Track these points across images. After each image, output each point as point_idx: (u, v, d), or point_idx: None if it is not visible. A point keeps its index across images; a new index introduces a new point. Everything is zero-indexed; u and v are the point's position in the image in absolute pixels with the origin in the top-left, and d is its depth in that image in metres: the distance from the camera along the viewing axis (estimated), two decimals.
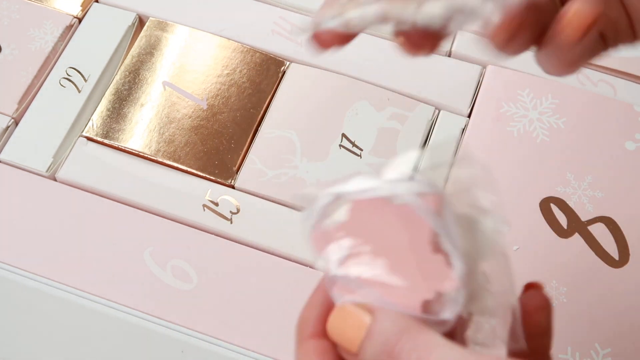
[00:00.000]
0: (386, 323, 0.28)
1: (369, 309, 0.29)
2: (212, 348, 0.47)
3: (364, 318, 0.29)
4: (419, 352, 0.27)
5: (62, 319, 0.48)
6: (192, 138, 0.53)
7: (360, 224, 0.29)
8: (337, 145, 0.53)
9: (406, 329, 0.28)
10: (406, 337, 0.28)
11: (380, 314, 0.29)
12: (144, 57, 0.56)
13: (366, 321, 0.29)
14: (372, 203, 0.28)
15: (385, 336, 0.28)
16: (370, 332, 0.28)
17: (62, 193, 0.52)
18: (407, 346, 0.27)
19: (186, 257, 0.50)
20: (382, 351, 0.28)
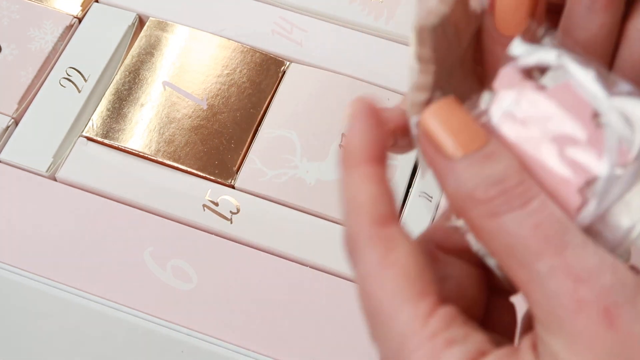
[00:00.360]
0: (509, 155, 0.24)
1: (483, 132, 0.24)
2: (212, 348, 0.47)
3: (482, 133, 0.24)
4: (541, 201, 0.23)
5: (62, 319, 0.48)
6: (192, 138, 0.53)
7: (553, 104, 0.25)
8: (337, 145, 0.53)
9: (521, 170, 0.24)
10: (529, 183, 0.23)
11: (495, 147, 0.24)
12: (144, 57, 0.56)
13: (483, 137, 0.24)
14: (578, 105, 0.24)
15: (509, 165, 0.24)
16: (491, 151, 0.24)
17: (62, 193, 0.52)
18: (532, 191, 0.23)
19: (186, 257, 0.50)
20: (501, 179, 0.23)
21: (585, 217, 0.24)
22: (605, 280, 0.22)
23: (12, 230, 0.51)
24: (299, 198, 0.52)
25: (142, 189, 0.52)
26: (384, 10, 0.59)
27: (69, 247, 0.50)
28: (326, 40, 0.58)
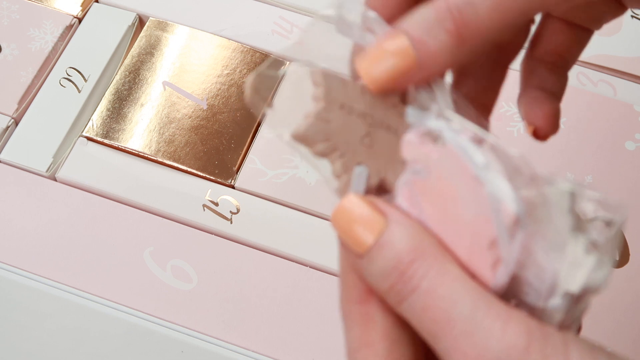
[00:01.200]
0: (402, 236, 0.25)
1: (383, 213, 0.25)
2: (212, 348, 0.47)
3: (378, 221, 0.25)
4: (430, 280, 0.24)
5: (62, 319, 0.48)
6: (192, 138, 0.53)
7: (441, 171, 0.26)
8: None
9: (422, 249, 0.25)
10: (421, 260, 0.24)
11: (395, 224, 0.25)
12: (144, 57, 0.56)
13: (379, 225, 0.25)
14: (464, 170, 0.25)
15: (398, 251, 0.25)
16: (383, 242, 0.25)
17: (62, 193, 0.52)
18: (420, 271, 0.24)
19: (186, 257, 0.50)
20: (393, 267, 0.24)
21: (500, 279, 0.24)
22: None
23: (12, 230, 0.51)
24: (299, 198, 0.52)
25: (142, 189, 0.52)
26: None
27: (69, 247, 0.50)
28: None
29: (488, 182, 0.24)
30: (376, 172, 0.28)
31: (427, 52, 0.26)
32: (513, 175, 0.24)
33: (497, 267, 0.24)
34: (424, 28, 0.26)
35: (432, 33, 0.26)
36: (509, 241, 0.24)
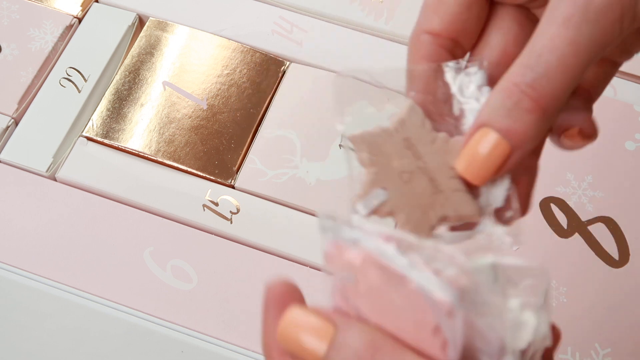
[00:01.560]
0: (355, 336, 0.26)
1: (329, 319, 0.27)
2: (212, 348, 0.47)
3: (326, 327, 0.27)
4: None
5: (62, 319, 0.48)
6: (192, 138, 0.53)
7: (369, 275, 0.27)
8: (337, 145, 0.53)
9: (378, 344, 0.26)
10: (380, 353, 0.25)
11: (344, 326, 0.26)
12: (144, 57, 0.56)
13: (329, 331, 0.27)
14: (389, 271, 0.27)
15: (356, 350, 0.26)
16: (338, 345, 0.26)
17: (62, 193, 0.52)
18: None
19: (186, 257, 0.50)
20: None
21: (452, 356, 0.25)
22: None
23: (12, 230, 0.51)
24: (299, 198, 0.52)
25: (142, 189, 0.52)
26: (384, 10, 0.59)
27: (69, 247, 0.50)
28: (326, 40, 0.58)
29: (414, 278, 0.25)
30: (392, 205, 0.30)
31: (518, 136, 0.28)
32: (433, 263, 0.26)
33: (446, 348, 0.25)
34: (505, 115, 0.28)
35: (516, 117, 0.28)
36: (449, 324, 0.25)
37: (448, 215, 0.31)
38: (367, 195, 0.31)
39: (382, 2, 0.59)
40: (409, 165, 0.31)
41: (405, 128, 0.31)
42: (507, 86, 0.28)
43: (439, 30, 0.31)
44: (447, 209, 0.31)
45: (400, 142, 0.31)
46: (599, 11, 0.27)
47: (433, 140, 0.31)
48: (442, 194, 0.31)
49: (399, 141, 0.31)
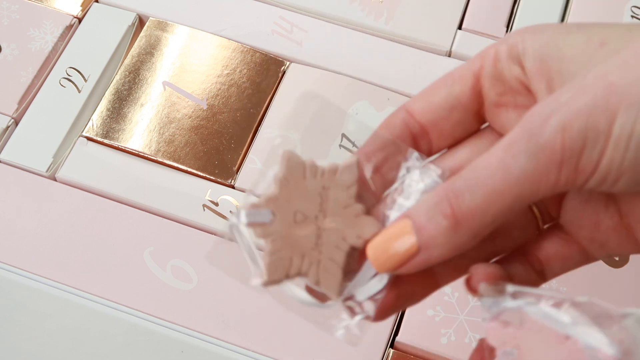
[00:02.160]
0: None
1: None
2: (212, 348, 0.47)
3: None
4: None
5: (62, 319, 0.48)
6: (192, 138, 0.53)
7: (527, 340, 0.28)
8: (337, 145, 0.53)
9: None
10: None
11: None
12: (144, 57, 0.56)
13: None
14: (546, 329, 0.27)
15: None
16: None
17: (62, 193, 0.52)
18: None
19: (186, 257, 0.50)
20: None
21: None
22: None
23: (12, 230, 0.51)
24: None
25: (142, 189, 0.52)
26: (384, 10, 0.59)
27: (69, 247, 0.50)
28: (326, 40, 0.58)
29: (580, 336, 0.26)
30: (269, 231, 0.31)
31: (427, 237, 0.28)
32: (595, 320, 0.26)
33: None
34: (424, 213, 0.28)
35: (431, 217, 0.28)
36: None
37: (308, 276, 0.30)
38: (257, 209, 0.31)
39: (382, 2, 0.59)
40: (308, 210, 0.31)
41: (332, 179, 0.31)
42: (440, 189, 0.28)
43: (416, 113, 0.32)
44: (312, 269, 0.31)
45: (318, 187, 0.31)
46: (541, 148, 0.26)
47: (347, 206, 0.31)
48: (318, 254, 0.31)
49: (317, 185, 0.31)
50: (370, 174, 0.31)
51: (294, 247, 0.31)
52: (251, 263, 0.31)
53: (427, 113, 0.31)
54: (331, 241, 0.31)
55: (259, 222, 0.31)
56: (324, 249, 0.31)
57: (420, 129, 0.32)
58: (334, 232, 0.31)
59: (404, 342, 0.47)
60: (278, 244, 0.31)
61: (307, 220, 0.31)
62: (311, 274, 0.31)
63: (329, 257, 0.30)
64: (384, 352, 0.47)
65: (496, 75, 0.30)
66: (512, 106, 0.31)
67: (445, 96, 0.31)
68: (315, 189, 0.31)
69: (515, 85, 0.30)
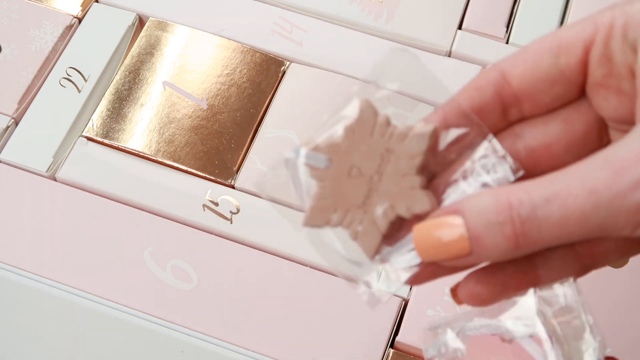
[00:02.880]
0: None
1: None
2: (212, 348, 0.47)
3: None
4: None
5: (62, 319, 0.48)
6: (192, 138, 0.53)
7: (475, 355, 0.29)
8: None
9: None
10: None
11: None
12: (144, 57, 0.56)
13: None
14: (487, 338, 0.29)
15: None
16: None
17: (62, 193, 0.52)
18: None
19: (186, 257, 0.50)
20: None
21: None
22: None
23: (12, 230, 0.51)
24: None
25: (142, 189, 0.52)
26: (384, 10, 0.59)
27: (69, 247, 0.50)
28: (326, 40, 0.58)
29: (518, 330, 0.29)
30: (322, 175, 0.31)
31: (481, 247, 0.27)
32: None
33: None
34: (483, 223, 0.26)
35: (491, 232, 0.26)
36: None
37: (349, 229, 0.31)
38: (317, 151, 0.31)
39: (382, 1, 0.59)
40: (365, 168, 0.30)
41: (399, 144, 0.30)
42: (504, 199, 0.26)
43: (513, 80, 0.29)
44: (354, 225, 0.31)
45: (383, 146, 0.30)
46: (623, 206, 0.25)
47: (405, 175, 0.30)
48: (364, 213, 0.31)
49: (383, 145, 0.30)
50: (443, 146, 0.30)
51: (341, 199, 0.31)
52: (299, 199, 0.31)
53: (527, 83, 0.29)
54: (379, 206, 0.30)
55: (315, 165, 0.31)
56: (370, 210, 0.30)
57: (513, 97, 0.29)
58: (384, 198, 0.30)
59: (404, 342, 0.47)
60: (327, 191, 0.31)
61: (362, 177, 0.30)
62: (352, 228, 0.30)
63: (373, 220, 0.30)
64: (384, 352, 0.47)
65: (606, 55, 0.28)
66: (614, 90, 0.28)
67: (549, 67, 0.28)
68: (379, 148, 0.30)
69: (623, 71, 0.28)
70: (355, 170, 0.30)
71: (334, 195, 0.31)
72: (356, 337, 0.47)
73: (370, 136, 0.30)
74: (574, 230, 0.25)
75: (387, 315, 0.48)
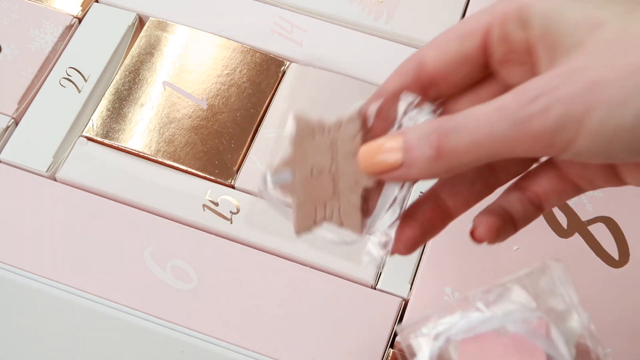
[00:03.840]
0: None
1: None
2: (212, 348, 0.47)
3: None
4: None
5: (62, 319, 0.48)
6: (192, 138, 0.53)
7: None
8: None
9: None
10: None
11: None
12: (144, 57, 0.56)
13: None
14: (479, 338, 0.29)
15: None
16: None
17: (62, 193, 0.52)
18: None
19: (186, 257, 0.50)
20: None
21: None
22: None
23: (12, 230, 0.51)
24: None
25: (142, 189, 0.52)
26: (384, 10, 0.59)
27: (69, 247, 0.50)
28: (326, 40, 0.58)
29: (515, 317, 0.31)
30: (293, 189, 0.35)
31: (411, 157, 0.31)
32: None
33: None
34: (417, 137, 0.31)
35: (420, 142, 0.31)
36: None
37: (333, 219, 0.34)
38: (278, 171, 0.35)
39: (382, 1, 0.59)
40: (322, 164, 0.35)
41: (338, 133, 0.35)
42: (438, 120, 0.31)
43: (427, 64, 0.34)
44: (334, 214, 0.35)
45: (327, 142, 0.35)
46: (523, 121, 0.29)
47: (355, 154, 0.34)
48: (338, 200, 0.34)
49: (326, 141, 0.35)
50: (372, 121, 0.34)
51: (316, 198, 0.35)
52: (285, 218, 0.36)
53: (439, 65, 0.33)
54: (346, 187, 0.34)
55: (282, 183, 0.35)
56: (342, 194, 0.34)
57: (430, 79, 0.34)
58: (347, 179, 0.34)
59: None
60: (302, 198, 0.35)
61: (323, 172, 0.35)
62: (335, 218, 0.34)
63: (347, 200, 0.34)
64: (384, 352, 0.47)
65: (503, 37, 0.32)
66: (517, 63, 0.33)
67: (456, 51, 0.33)
68: (325, 144, 0.35)
69: (520, 48, 0.32)
70: (315, 169, 0.35)
71: (308, 198, 0.35)
72: (356, 337, 0.47)
73: (313, 138, 0.35)
74: (485, 143, 0.29)
75: (387, 315, 0.48)
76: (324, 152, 0.35)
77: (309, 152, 0.35)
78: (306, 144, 0.35)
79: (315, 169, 0.35)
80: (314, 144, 0.35)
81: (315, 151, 0.35)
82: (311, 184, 0.35)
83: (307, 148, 0.35)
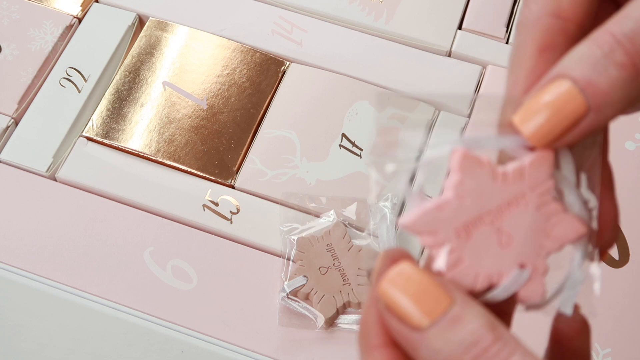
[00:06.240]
0: (474, 315, 0.23)
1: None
2: (212, 348, 0.47)
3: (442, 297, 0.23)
4: None
5: (62, 319, 0.48)
6: (192, 138, 0.53)
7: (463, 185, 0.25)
8: (337, 145, 0.53)
9: (500, 330, 0.23)
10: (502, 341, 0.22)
11: (461, 302, 0.23)
12: (144, 57, 0.56)
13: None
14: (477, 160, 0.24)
15: (477, 328, 0.22)
16: (458, 319, 0.23)
17: (62, 193, 0.52)
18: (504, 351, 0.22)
19: (186, 257, 0.50)
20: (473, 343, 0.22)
21: None
22: None
23: (12, 230, 0.51)
24: (299, 198, 0.52)
25: (142, 189, 0.52)
26: (384, 10, 0.59)
27: (69, 247, 0.50)
28: (326, 40, 0.58)
29: None
30: (309, 288, 0.47)
31: (599, 93, 0.23)
32: None
33: None
34: (588, 66, 0.23)
35: (600, 70, 0.23)
36: None
37: (351, 301, 0.47)
38: (292, 280, 0.47)
39: (382, 1, 0.59)
40: (326, 263, 0.48)
41: (330, 237, 0.49)
42: (599, 35, 0.23)
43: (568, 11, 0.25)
44: (350, 296, 0.47)
45: (324, 246, 0.48)
46: None
47: (348, 249, 0.48)
48: (349, 285, 0.47)
49: (323, 246, 0.48)
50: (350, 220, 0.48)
51: (331, 289, 0.47)
52: (311, 318, 0.47)
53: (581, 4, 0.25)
54: (352, 274, 0.48)
55: (299, 288, 0.47)
56: (351, 280, 0.47)
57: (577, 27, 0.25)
58: (350, 268, 0.48)
59: None
60: (320, 293, 0.47)
61: (330, 269, 0.48)
62: (352, 299, 0.47)
63: (357, 283, 0.47)
64: None
65: None
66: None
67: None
68: (323, 248, 0.48)
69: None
70: (322, 268, 0.48)
71: (325, 291, 0.47)
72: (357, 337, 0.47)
73: (313, 247, 0.48)
74: None
75: None
76: (325, 254, 0.48)
77: (313, 257, 0.48)
78: (309, 253, 0.48)
79: (322, 267, 0.47)
80: (314, 251, 0.48)
81: (318, 255, 0.48)
82: (323, 280, 0.47)
83: (311, 255, 0.48)
